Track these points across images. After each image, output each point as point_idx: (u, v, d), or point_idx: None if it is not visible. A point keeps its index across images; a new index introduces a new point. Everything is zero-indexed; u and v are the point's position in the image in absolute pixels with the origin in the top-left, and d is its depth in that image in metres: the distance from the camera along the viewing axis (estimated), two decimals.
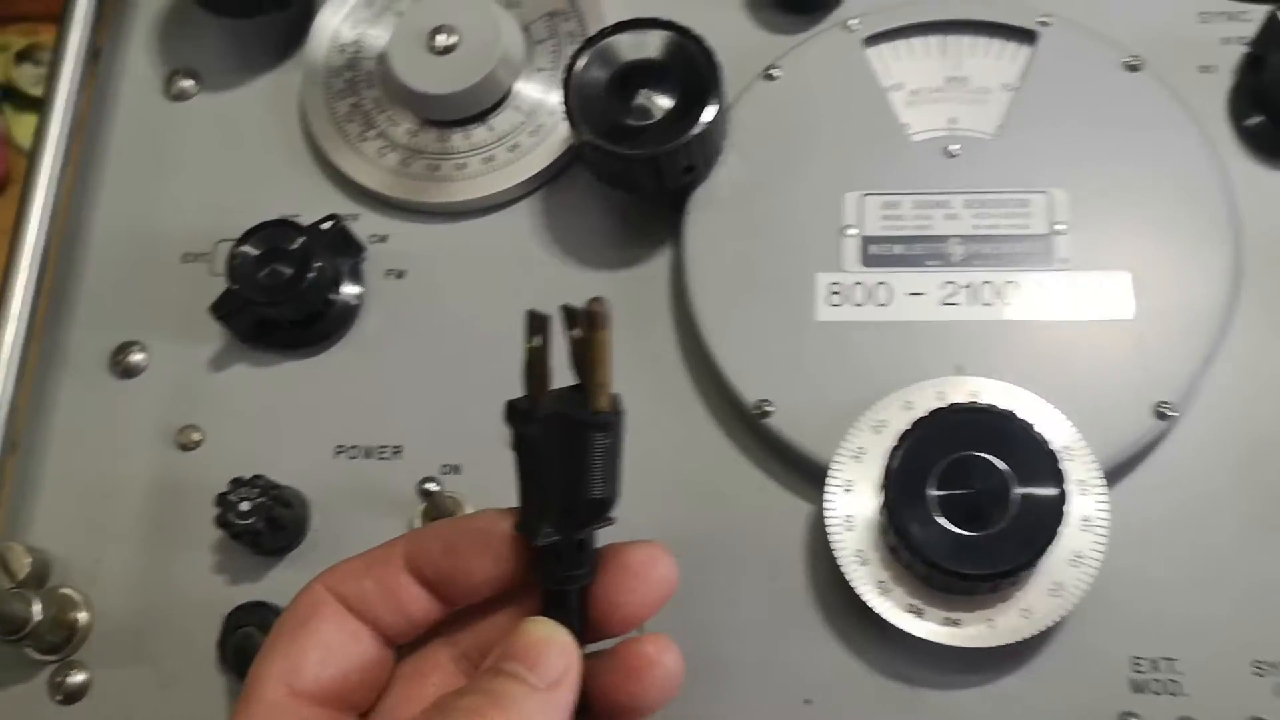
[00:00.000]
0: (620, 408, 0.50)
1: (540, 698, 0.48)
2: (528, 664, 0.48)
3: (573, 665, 0.49)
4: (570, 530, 0.49)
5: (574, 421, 0.48)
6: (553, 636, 0.49)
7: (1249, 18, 0.71)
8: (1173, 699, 0.60)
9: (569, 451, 0.49)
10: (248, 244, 0.68)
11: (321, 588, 0.52)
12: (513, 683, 0.48)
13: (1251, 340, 0.65)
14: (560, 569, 0.50)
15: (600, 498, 0.49)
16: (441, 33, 0.72)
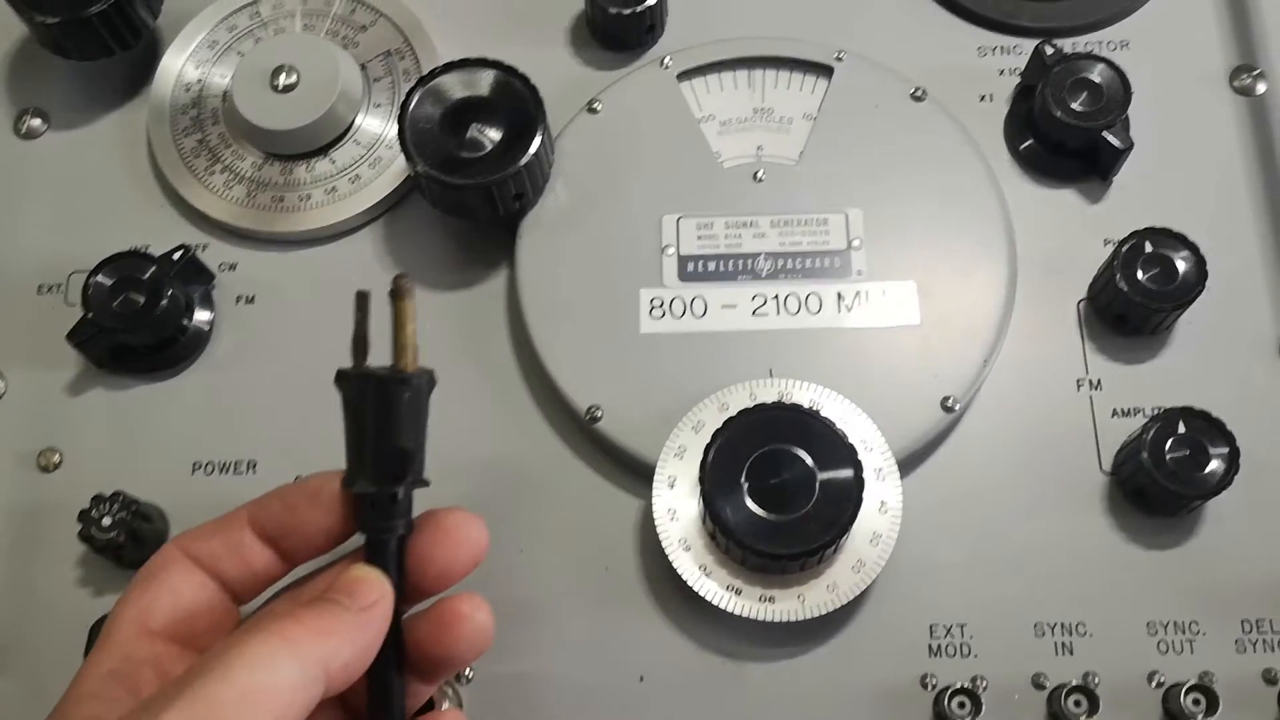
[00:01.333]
0: (424, 375, 0.55)
1: (353, 617, 0.52)
2: (346, 593, 0.53)
3: (385, 596, 0.54)
4: (384, 483, 0.54)
5: (381, 379, 0.54)
6: (368, 574, 0.54)
7: (1022, 51, 0.77)
8: (965, 660, 0.65)
9: (380, 408, 0.54)
10: (101, 274, 0.70)
11: (173, 547, 0.56)
12: (333, 605, 0.52)
13: (1026, 340, 0.71)
14: (377, 518, 0.55)
15: (405, 447, 0.54)
16: (282, 72, 0.74)
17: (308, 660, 0.50)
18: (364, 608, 0.53)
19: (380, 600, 0.53)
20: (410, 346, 0.55)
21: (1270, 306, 0.71)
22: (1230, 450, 0.64)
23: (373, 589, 0.53)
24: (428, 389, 0.56)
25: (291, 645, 0.50)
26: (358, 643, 0.52)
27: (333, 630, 0.51)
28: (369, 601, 0.53)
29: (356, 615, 0.52)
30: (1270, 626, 0.65)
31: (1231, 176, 0.75)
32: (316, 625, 0.51)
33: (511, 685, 0.66)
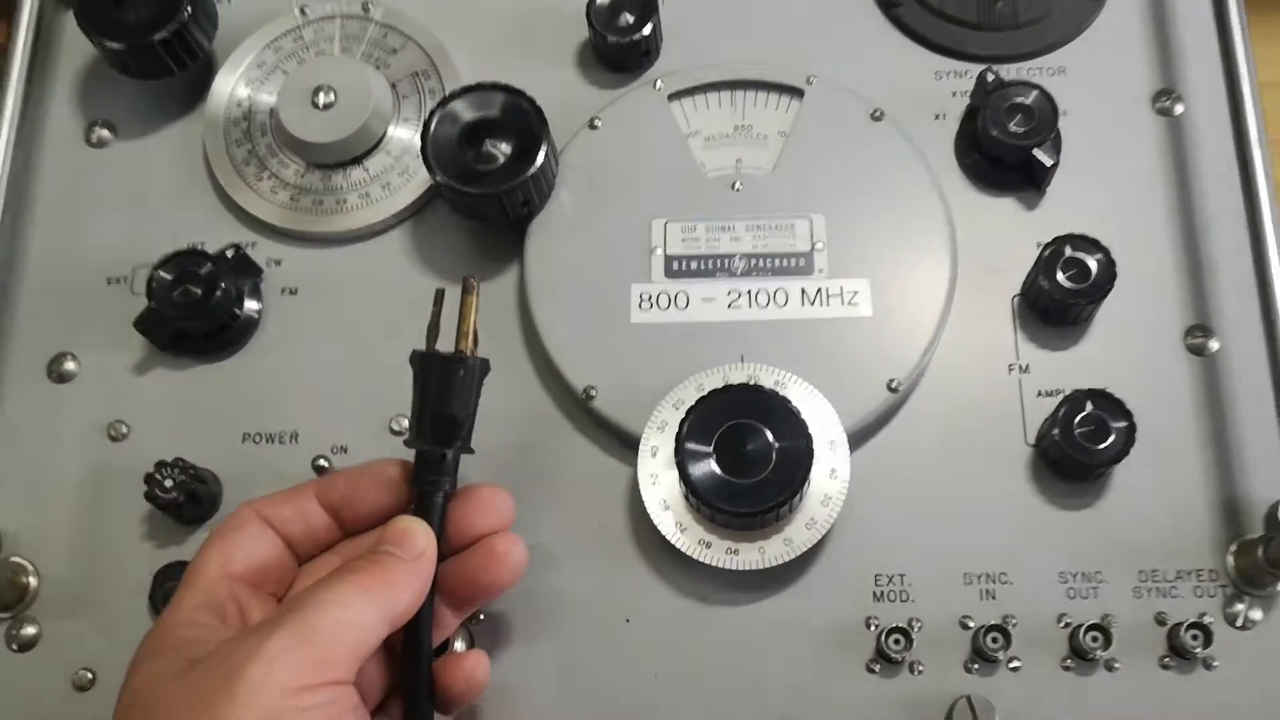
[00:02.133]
0: (479, 360, 0.66)
1: (406, 565, 0.61)
2: (397, 543, 0.62)
3: (431, 545, 0.63)
4: (437, 444, 0.64)
5: (444, 357, 0.65)
6: (414, 524, 0.63)
7: (972, 75, 0.83)
8: (903, 604, 0.72)
9: (440, 381, 0.65)
10: (163, 269, 0.77)
11: (249, 509, 0.66)
12: (387, 556, 0.62)
13: (966, 330, 0.78)
14: (429, 473, 0.64)
15: (456, 415, 0.64)
16: (322, 91, 0.81)
17: (379, 604, 0.59)
18: (414, 557, 0.62)
19: (427, 548, 0.63)
20: (469, 334, 0.66)
21: (1178, 303, 0.78)
22: (1128, 425, 0.71)
23: (419, 538, 0.63)
24: (481, 372, 0.66)
25: (367, 593, 0.59)
26: (413, 588, 0.62)
27: (394, 580, 0.60)
28: (418, 551, 0.62)
29: (411, 564, 0.62)
30: (1163, 577, 0.72)
31: (1151, 188, 0.81)
32: (384, 576, 0.60)
33: (516, 625, 0.73)
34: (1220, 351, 0.77)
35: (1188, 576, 0.73)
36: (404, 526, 0.63)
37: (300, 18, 0.87)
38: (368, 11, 0.87)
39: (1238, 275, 0.78)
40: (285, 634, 0.55)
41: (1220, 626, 0.71)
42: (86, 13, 0.81)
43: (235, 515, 0.66)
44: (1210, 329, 0.78)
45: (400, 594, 0.61)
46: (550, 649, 0.73)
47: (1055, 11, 0.85)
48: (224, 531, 0.65)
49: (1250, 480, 0.74)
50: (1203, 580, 0.73)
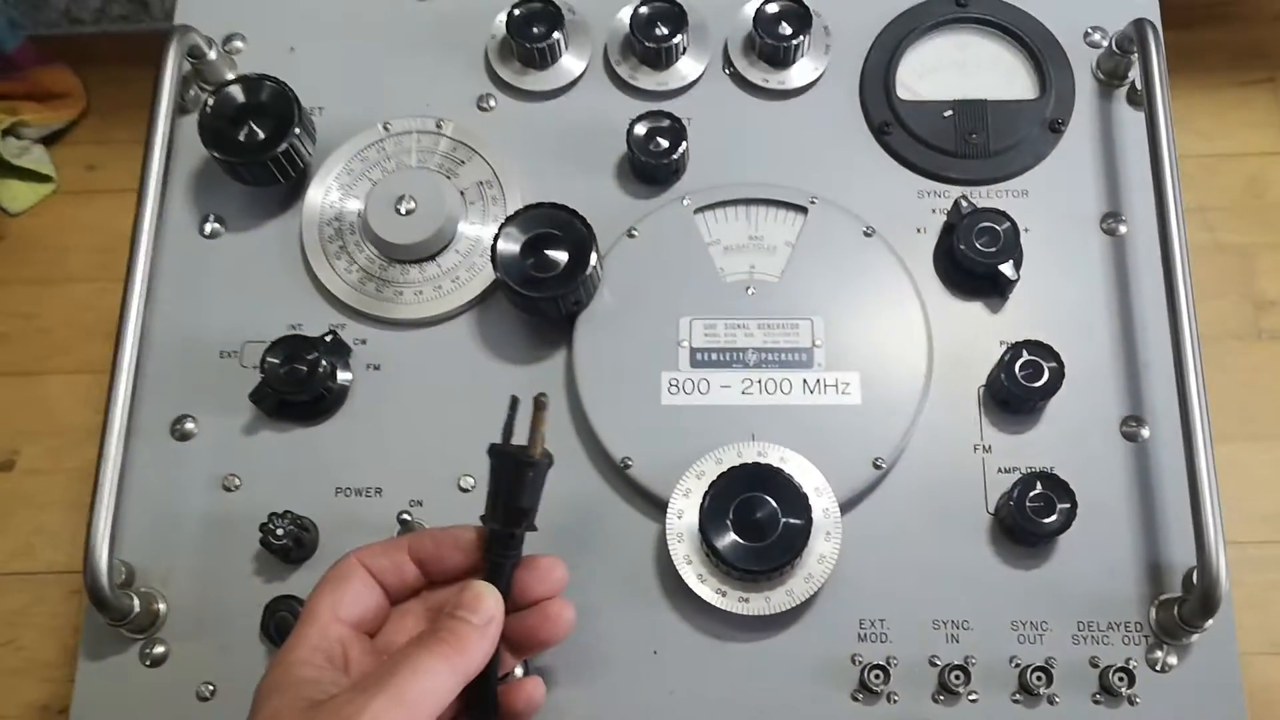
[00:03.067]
0: (547, 459, 0.72)
1: (478, 631, 0.68)
2: (470, 609, 0.69)
3: (498, 609, 0.70)
4: (507, 526, 0.71)
5: (518, 459, 0.71)
6: (484, 590, 0.70)
7: (949, 196, 0.93)
8: (882, 644, 0.82)
9: (514, 477, 0.71)
10: (273, 352, 0.86)
11: (354, 560, 0.73)
12: (459, 622, 0.68)
13: (938, 415, 0.88)
14: (499, 549, 0.72)
15: (524, 506, 0.71)
16: (404, 200, 0.91)
17: (458, 670, 0.67)
18: (485, 622, 0.69)
19: (495, 613, 0.70)
20: (540, 440, 0.71)
21: (1115, 397, 0.88)
22: (1071, 504, 0.82)
23: (489, 604, 0.70)
24: (546, 468, 0.72)
25: (448, 661, 0.67)
26: (482, 649, 0.69)
27: (468, 646, 0.68)
28: (488, 617, 0.69)
29: (481, 629, 0.69)
30: (1097, 627, 0.82)
31: (1096, 297, 0.91)
32: (460, 644, 0.67)
33: (563, 656, 0.82)
34: (1150, 438, 0.88)
35: (1117, 627, 0.83)
36: (476, 592, 0.70)
37: (383, 132, 0.98)
38: (440, 129, 0.98)
39: (1167, 374, 0.86)
40: (385, 698, 0.63)
41: (1143, 670, 0.82)
42: (209, 131, 0.91)
43: (344, 564, 0.73)
44: (1143, 419, 0.88)
45: (473, 657, 0.68)
46: (592, 673, 0.82)
47: (1021, 142, 0.96)
48: (335, 580, 0.72)
49: (1171, 548, 0.85)
50: (1129, 630, 0.83)
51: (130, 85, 1.13)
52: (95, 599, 0.81)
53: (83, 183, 1.27)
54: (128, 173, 0.90)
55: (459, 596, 0.70)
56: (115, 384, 0.86)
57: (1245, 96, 1.28)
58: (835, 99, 0.99)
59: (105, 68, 1.32)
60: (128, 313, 0.87)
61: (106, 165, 1.28)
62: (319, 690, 0.66)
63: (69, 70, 1.32)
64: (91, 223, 1.25)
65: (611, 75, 0.99)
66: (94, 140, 1.29)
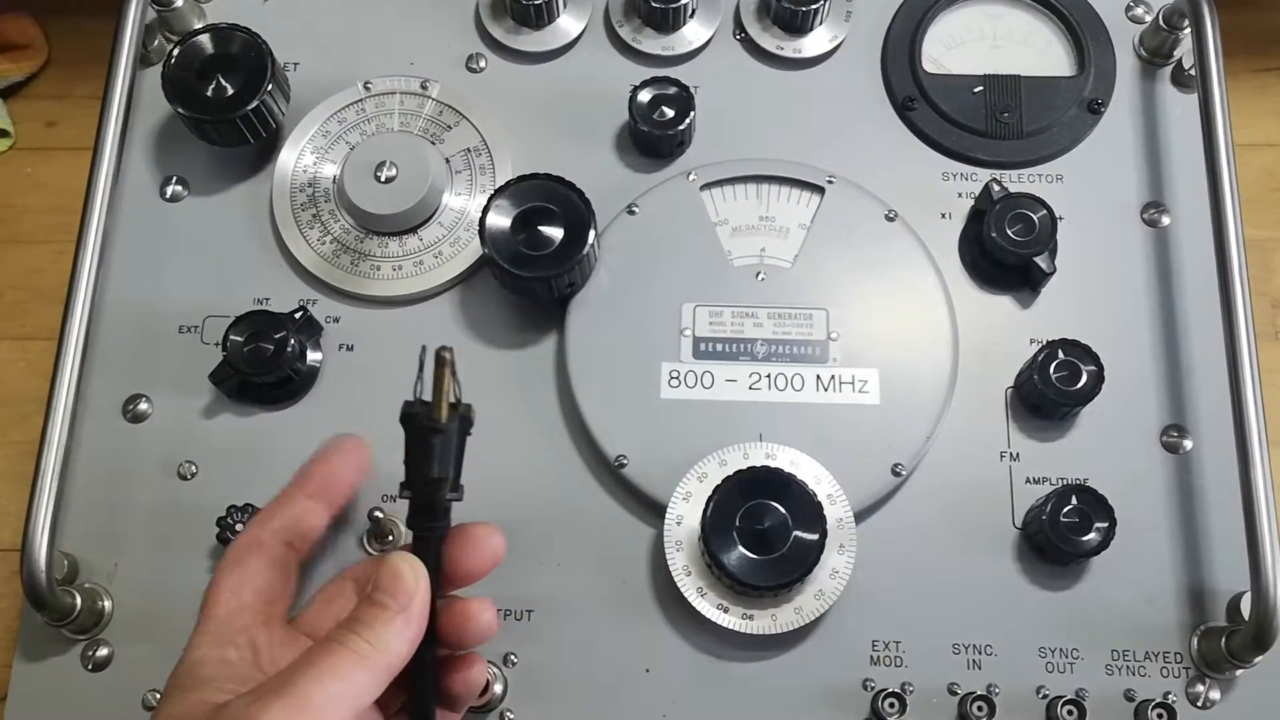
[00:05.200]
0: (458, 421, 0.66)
1: (399, 617, 0.63)
2: (387, 590, 0.64)
3: (422, 585, 0.65)
4: (424, 496, 0.67)
5: (419, 426, 0.66)
6: (405, 566, 0.65)
7: (977, 179, 0.89)
8: (897, 669, 0.78)
9: (419, 443, 0.66)
10: (236, 328, 0.82)
11: (247, 539, 0.71)
12: (376, 609, 0.64)
13: (962, 419, 0.83)
14: (420, 520, 0.67)
15: (436, 477, 0.66)
16: (384, 166, 0.86)
17: (375, 666, 0.62)
18: (405, 605, 0.64)
19: (417, 591, 0.65)
20: (442, 402, 0.66)
21: (1155, 404, 0.84)
22: (1110, 523, 0.77)
23: (409, 582, 0.65)
24: (457, 432, 0.67)
25: (362, 659, 0.62)
26: (406, 638, 0.64)
27: (387, 638, 0.63)
28: (409, 598, 0.64)
29: (403, 613, 0.64)
30: (1133, 657, 0.78)
31: (1136, 294, 0.86)
32: (378, 637, 0.63)
33: (548, 670, 0.78)
34: (1193, 450, 0.83)
35: (1155, 658, 0.78)
36: (393, 570, 0.65)
37: (363, 91, 0.92)
38: (426, 89, 0.92)
39: (1212, 380, 0.83)
40: (282, 706, 0.59)
41: (1183, 705, 0.77)
42: (173, 84, 0.86)
43: (235, 548, 0.71)
44: (1185, 429, 0.83)
45: (395, 648, 0.63)
46: (578, 693, 0.78)
47: (1056, 124, 0.91)
48: (228, 566, 0.70)
49: (1215, 572, 0.80)
50: (1169, 662, 0.78)
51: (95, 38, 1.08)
52: (32, 596, 0.76)
53: (41, 139, 1.23)
54: (89, 130, 0.88)
55: (375, 575, 0.66)
56: (62, 359, 0.80)
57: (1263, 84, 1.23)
58: (855, 70, 0.94)
59: (68, 18, 1.27)
60: (78, 281, 0.82)
61: (67, 121, 1.23)
62: (220, 691, 0.63)
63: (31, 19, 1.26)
64: (49, 181, 1.21)
65: (613, 37, 0.95)
66: (54, 95, 1.25)
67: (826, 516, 0.75)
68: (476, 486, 0.79)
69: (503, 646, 0.79)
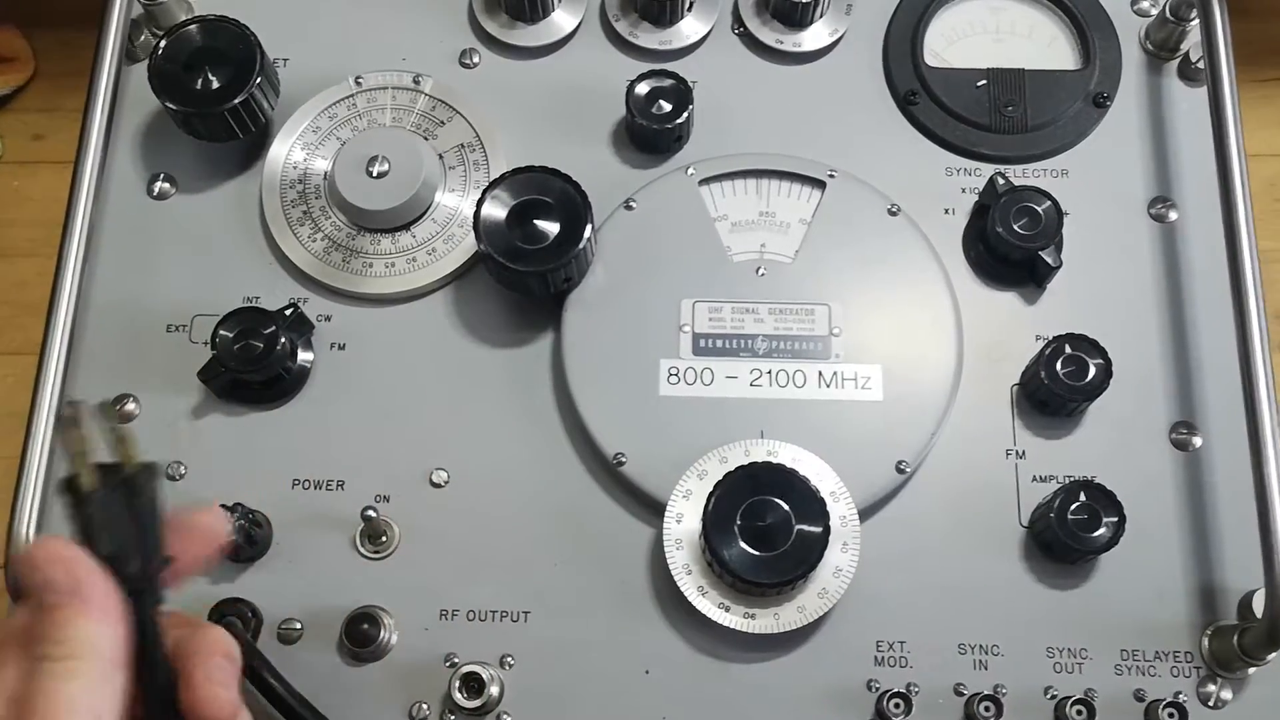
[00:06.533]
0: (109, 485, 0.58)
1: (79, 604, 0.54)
2: (51, 588, 0.54)
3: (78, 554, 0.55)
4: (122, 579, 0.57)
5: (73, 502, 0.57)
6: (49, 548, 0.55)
7: (981, 174, 0.88)
8: (902, 670, 0.76)
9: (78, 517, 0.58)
10: (226, 325, 0.80)
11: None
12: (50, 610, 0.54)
13: (967, 415, 0.81)
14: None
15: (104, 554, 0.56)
16: (376, 161, 0.84)
17: (90, 676, 0.53)
18: (75, 588, 0.54)
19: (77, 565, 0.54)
20: (82, 466, 0.57)
21: (1164, 401, 0.82)
22: (1119, 519, 0.75)
23: (63, 561, 0.54)
24: (128, 495, 0.58)
25: (75, 680, 0.52)
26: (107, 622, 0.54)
27: (81, 639, 0.53)
28: (73, 578, 0.54)
29: (79, 604, 0.54)
30: (1142, 656, 0.76)
31: (1143, 290, 0.85)
32: (74, 645, 0.53)
33: (546, 672, 0.77)
34: (1203, 448, 0.82)
35: (1165, 657, 0.77)
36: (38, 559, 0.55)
37: (354, 86, 0.91)
38: (418, 85, 0.91)
39: (1221, 377, 0.82)
40: None
41: (1194, 705, 0.76)
42: (160, 77, 0.85)
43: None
44: (1194, 426, 0.82)
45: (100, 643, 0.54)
46: (576, 696, 0.76)
47: (1061, 118, 0.89)
48: None
49: (1225, 570, 0.79)
50: (1179, 661, 0.77)
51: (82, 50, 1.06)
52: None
53: (28, 152, 1.22)
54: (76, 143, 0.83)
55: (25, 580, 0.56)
56: (47, 357, 0.79)
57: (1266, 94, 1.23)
58: (856, 64, 0.93)
59: (56, 31, 1.25)
60: (63, 279, 0.80)
61: (54, 135, 1.22)
62: None
63: (17, 32, 1.25)
64: (35, 195, 1.20)
65: (609, 31, 0.94)
66: (41, 108, 1.23)
67: (830, 513, 0.74)
68: (472, 486, 0.79)
69: (499, 648, 0.77)
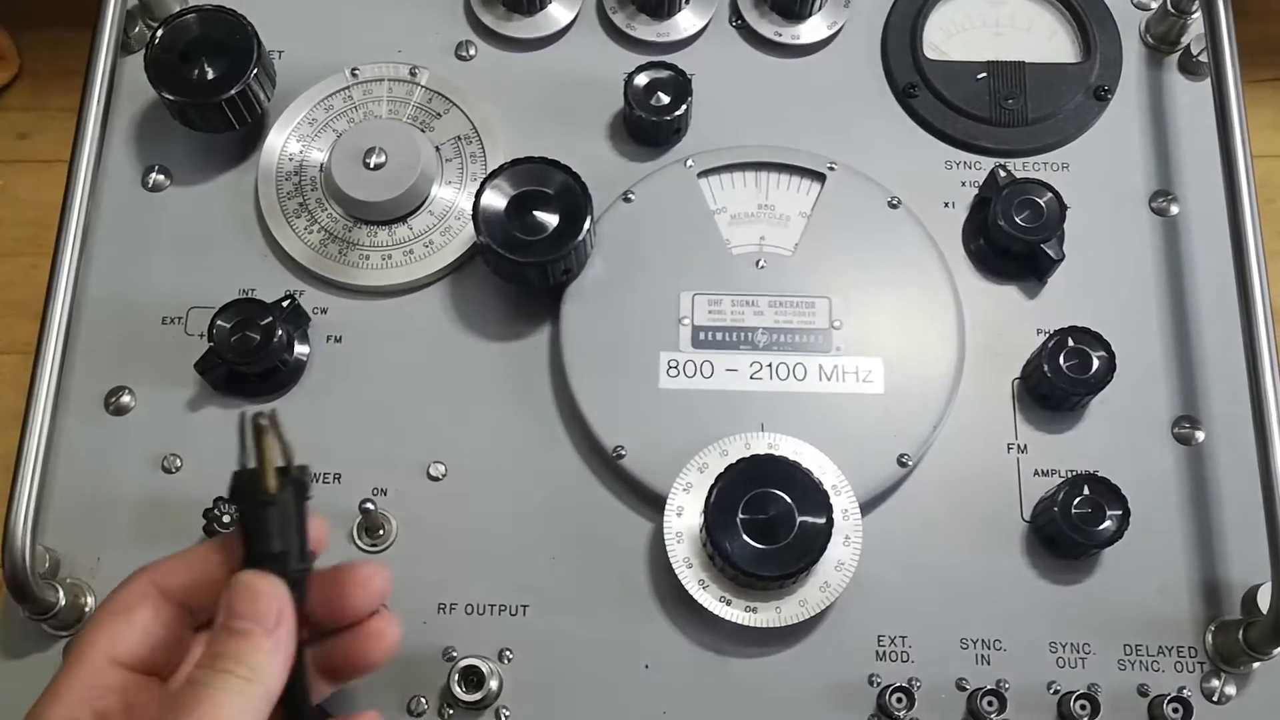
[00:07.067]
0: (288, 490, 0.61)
1: (270, 642, 0.57)
2: (250, 616, 0.57)
3: (283, 600, 0.58)
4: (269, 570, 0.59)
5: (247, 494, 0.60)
6: (263, 584, 0.58)
7: (981, 167, 0.87)
8: (904, 664, 0.76)
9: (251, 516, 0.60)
10: (223, 316, 0.79)
11: (145, 579, 0.61)
12: (241, 637, 0.57)
13: (969, 409, 0.81)
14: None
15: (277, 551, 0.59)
16: (373, 153, 0.84)
17: (255, 701, 0.56)
18: (272, 628, 0.57)
19: (281, 610, 0.58)
20: (268, 470, 0.61)
21: (1166, 395, 0.82)
22: (1123, 512, 0.75)
23: (269, 602, 0.58)
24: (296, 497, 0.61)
25: (240, 699, 0.55)
26: (280, 661, 0.58)
27: (260, 664, 0.56)
28: (273, 619, 0.57)
29: (272, 637, 0.57)
30: (1146, 651, 0.76)
31: (1145, 284, 0.85)
32: (251, 671, 0.56)
33: (544, 667, 0.76)
34: (1205, 442, 0.81)
35: (1169, 652, 0.76)
36: (251, 588, 0.58)
37: (350, 78, 0.90)
38: (415, 77, 0.90)
39: (1224, 371, 0.82)
40: None
41: (1198, 700, 0.75)
42: (156, 67, 0.84)
43: (129, 589, 0.61)
44: (1197, 420, 0.82)
45: (270, 676, 0.57)
46: (575, 690, 0.76)
47: (1062, 111, 0.89)
48: (115, 610, 0.60)
49: (1228, 565, 0.78)
50: (1183, 656, 0.76)
51: (69, 49, 1.07)
52: (15, 589, 0.73)
53: (13, 151, 1.20)
54: (62, 142, 0.87)
55: (228, 600, 0.58)
56: (44, 348, 0.78)
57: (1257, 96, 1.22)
58: (855, 57, 0.93)
59: (42, 30, 1.24)
60: (59, 270, 0.80)
61: (39, 134, 1.21)
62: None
63: (2, 31, 1.24)
64: (21, 194, 1.18)
65: (605, 23, 0.93)
66: (27, 106, 1.22)
67: (833, 506, 0.73)
68: (470, 479, 0.79)
69: (498, 642, 0.77)
